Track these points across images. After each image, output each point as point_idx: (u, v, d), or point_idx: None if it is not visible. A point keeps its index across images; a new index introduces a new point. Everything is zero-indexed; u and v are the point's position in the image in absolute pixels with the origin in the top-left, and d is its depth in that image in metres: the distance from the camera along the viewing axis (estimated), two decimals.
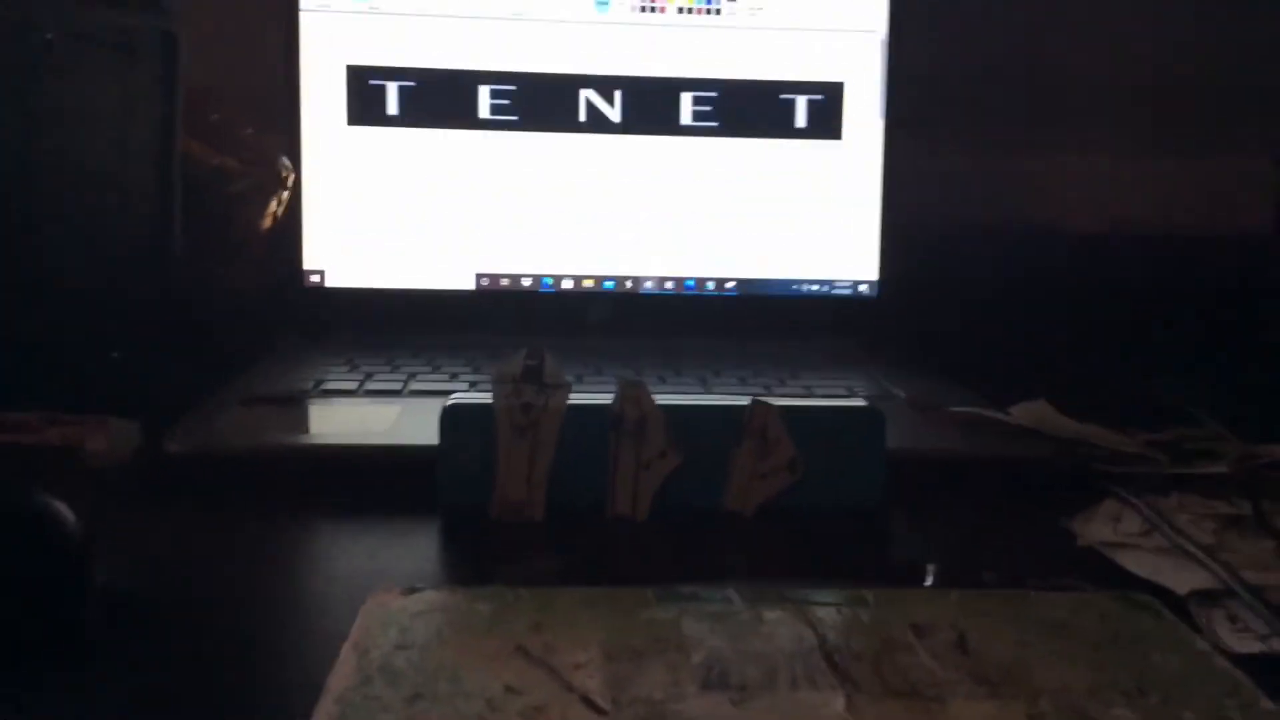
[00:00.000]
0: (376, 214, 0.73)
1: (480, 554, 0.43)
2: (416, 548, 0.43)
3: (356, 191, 0.73)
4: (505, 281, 0.75)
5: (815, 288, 0.78)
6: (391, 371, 0.63)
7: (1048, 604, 0.37)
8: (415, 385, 0.60)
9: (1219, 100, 0.89)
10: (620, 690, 0.31)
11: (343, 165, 0.73)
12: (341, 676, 0.31)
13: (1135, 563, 0.42)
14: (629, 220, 0.76)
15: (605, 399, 0.46)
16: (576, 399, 0.46)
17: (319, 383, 0.60)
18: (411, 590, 0.37)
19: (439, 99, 0.73)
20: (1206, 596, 0.38)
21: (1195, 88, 0.89)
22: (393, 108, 0.73)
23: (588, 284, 0.76)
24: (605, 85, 0.75)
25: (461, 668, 0.32)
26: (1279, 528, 0.44)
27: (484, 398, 0.46)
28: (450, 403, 0.46)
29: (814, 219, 0.77)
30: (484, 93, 0.74)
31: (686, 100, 0.76)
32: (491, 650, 0.33)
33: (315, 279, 0.73)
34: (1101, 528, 0.45)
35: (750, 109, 0.76)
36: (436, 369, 0.65)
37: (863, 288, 0.78)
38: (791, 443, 0.46)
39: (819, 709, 0.30)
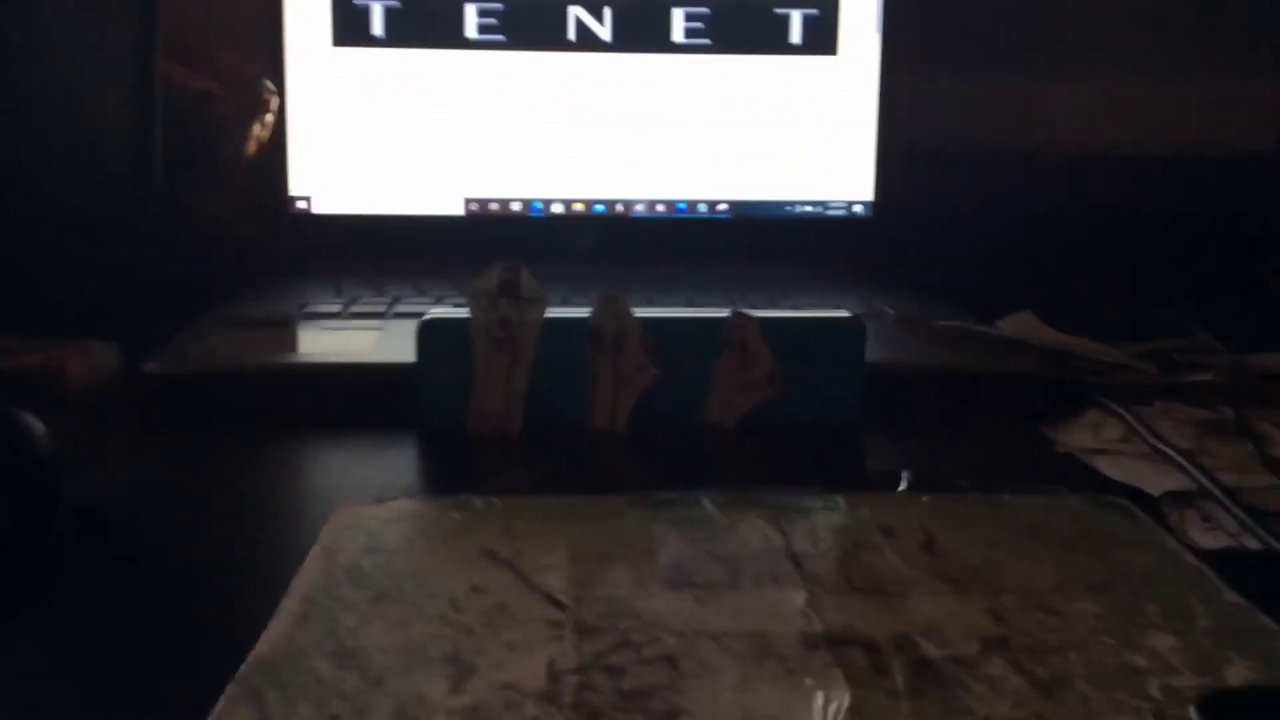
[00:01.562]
0: (363, 138, 0.73)
1: (456, 467, 0.43)
2: (393, 461, 0.43)
3: (342, 115, 0.72)
4: (495, 206, 0.75)
5: (809, 209, 0.77)
6: (376, 296, 0.63)
7: (1020, 507, 0.37)
8: (400, 309, 0.60)
9: (1217, 22, 0.87)
10: (583, 588, 0.31)
11: (328, 88, 0.72)
12: (307, 577, 0.31)
13: (1113, 467, 0.42)
14: (619, 142, 0.75)
15: (584, 313, 0.46)
16: (554, 313, 0.46)
17: (302, 307, 0.60)
18: (382, 500, 0.37)
19: (425, 18, 0.72)
20: (1181, 497, 0.38)
21: (1193, 8, 0.87)
22: (378, 28, 0.72)
23: (578, 208, 0.75)
24: (595, 2, 0.73)
25: (428, 570, 0.32)
26: (1261, 432, 0.44)
27: (461, 313, 0.46)
28: (427, 317, 0.46)
29: (809, 138, 0.76)
30: (470, 11, 0.72)
31: (678, 16, 0.74)
32: (459, 554, 0.33)
33: (301, 205, 0.73)
34: (1081, 435, 0.45)
35: (743, 25, 0.75)
36: (422, 293, 0.64)
37: (857, 209, 0.77)
38: (771, 355, 0.46)
39: (779, 605, 0.30)
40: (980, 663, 0.27)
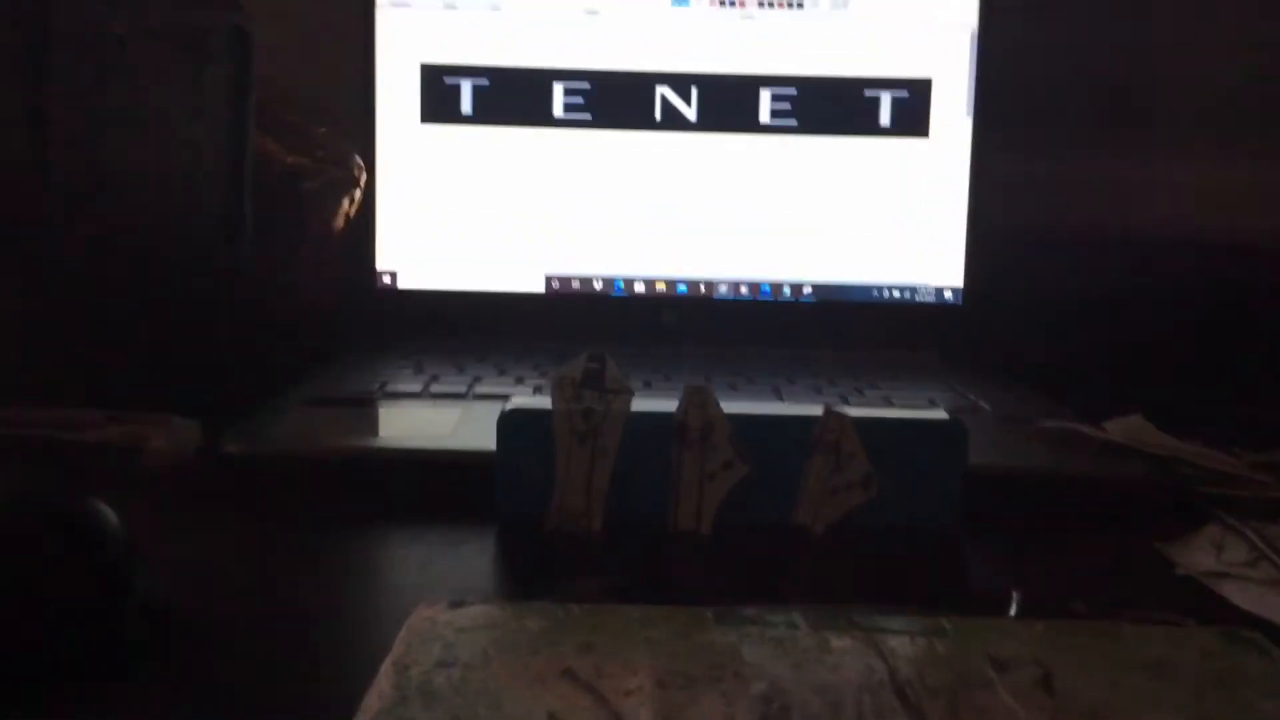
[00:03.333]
0: (449, 214, 0.73)
1: (535, 566, 0.41)
2: (470, 558, 0.41)
3: (429, 191, 0.72)
4: (576, 284, 0.74)
5: (897, 294, 0.75)
6: (458, 374, 0.62)
7: (1142, 639, 0.34)
8: (480, 389, 0.59)
9: None
10: None
11: (416, 165, 0.72)
12: (377, 696, 0.30)
13: (1241, 595, 0.38)
14: (704, 221, 0.74)
15: (669, 406, 0.44)
16: (640, 405, 0.44)
17: (384, 385, 0.59)
18: (459, 604, 0.35)
19: (513, 97, 0.72)
20: None
21: None
22: (466, 106, 0.72)
23: (660, 287, 0.74)
24: (682, 82, 0.73)
25: (504, 690, 0.30)
26: None
27: (544, 402, 0.44)
28: (509, 408, 0.45)
29: (897, 221, 0.74)
30: (558, 90, 0.72)
31: (765, 97, 0.73)
32: (537, 671, 0.31)
33: (387, 280, 0.73)
34: (1203, 555, 0.42)
35: (832, 106, 0.73)
36: (502, 372, 0.63)
37: (947, 294, 0.75)
38: (866, 458, 0.44)
39: None
40: None
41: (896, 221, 0.74)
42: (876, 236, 0.74)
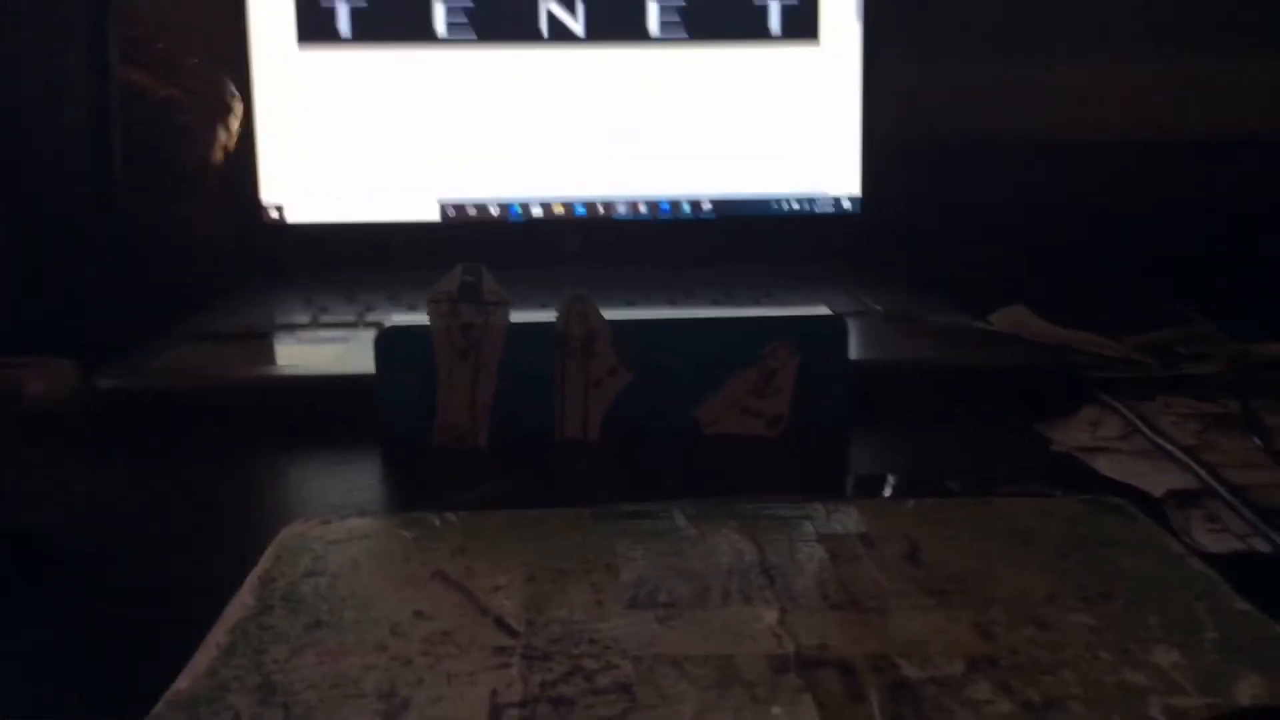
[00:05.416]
0: (334, 143, 0.71)
1: (417, 483, 0.41)
2: (351, 477, 0.41)
3: (312, 119, 0.70)
4: (472, 210, 0.72)
5: (796, 205, 0.75)
6: (349, 305, 0.61)
7: (1012, 511, 0.35)
8: (370, 318, 0.58)
9: (1208, 5, 0.84)
10: (537, 611, 0.29)
11: (295, 91, 0.70)
12: (239, 606, 0.29)
13: (1111, 466, 0.39)
14: (598, 139, 0.73)
15: (551, 317, 0.44)
16: (520, 317, 0.44)
17: (272, 319, 0.58)
18: (331, 519, 0.35)
19: (393, 15, 0.70)
20: (1185, 497, 0.36)
21: None
22: (344, 27, 0.70)
23: (558, 210, 0.73)
24: None
25: (372, 594, 0.30)
26: (1268, 425, 0.42)
27: (422, 320, 0.43)
28: (386, 325, 0.44)
29: (793, 131, 0.74)
30: (439, 7, 0.70)
31: (653, 7, 0.72)
32: (408, 575, 0.31)
33: (274, 214, 0.70)
34: (1078, 433, 0.43)
35: (721, 14, 0.72)
36: (395, 301, 0.62)
37: (845, 203, 0.75)
38: (789, 403, 0.44)
39: (748, 623, 0.28)
40: (965, 685, 0.25)
41: (792, 131, 0.74)
42: (773, 147, 0.74)
